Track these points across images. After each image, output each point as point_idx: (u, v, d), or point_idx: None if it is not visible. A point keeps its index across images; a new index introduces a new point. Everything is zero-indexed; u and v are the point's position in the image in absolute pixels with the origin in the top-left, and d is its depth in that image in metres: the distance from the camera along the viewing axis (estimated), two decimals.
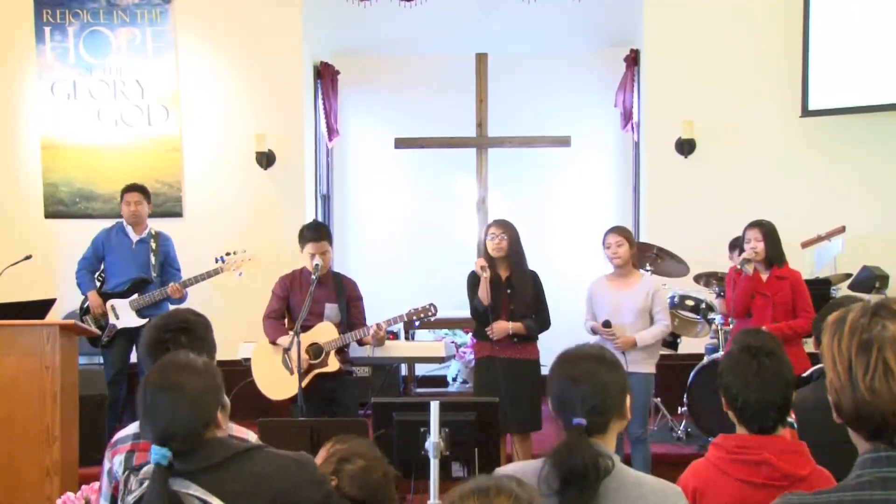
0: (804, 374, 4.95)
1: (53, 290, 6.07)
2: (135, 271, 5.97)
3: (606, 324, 4.98)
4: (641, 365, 4.95)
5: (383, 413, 3.68)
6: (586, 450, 1.96)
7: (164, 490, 1.98)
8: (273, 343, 4.99)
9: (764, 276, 5.08)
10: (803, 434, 2.78)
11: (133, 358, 5.98)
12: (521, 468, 2.08)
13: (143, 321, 5.82)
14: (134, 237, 6.05)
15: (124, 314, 5.88)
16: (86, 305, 5.98)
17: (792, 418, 2.81)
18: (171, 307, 5.97)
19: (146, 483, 2.04)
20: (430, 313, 5.01)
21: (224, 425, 2.19)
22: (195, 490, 2.01)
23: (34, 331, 4.56)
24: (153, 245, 6.04)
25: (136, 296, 5.90)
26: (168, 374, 2.10)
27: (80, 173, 7.08)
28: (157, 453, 2.01)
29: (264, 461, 2.11)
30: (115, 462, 2.52)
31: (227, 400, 2.20)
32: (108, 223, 6.24)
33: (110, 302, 5.91)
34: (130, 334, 5.89)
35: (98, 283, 6.06)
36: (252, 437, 2.56)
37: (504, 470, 2.13)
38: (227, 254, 5.90)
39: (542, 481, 1.96)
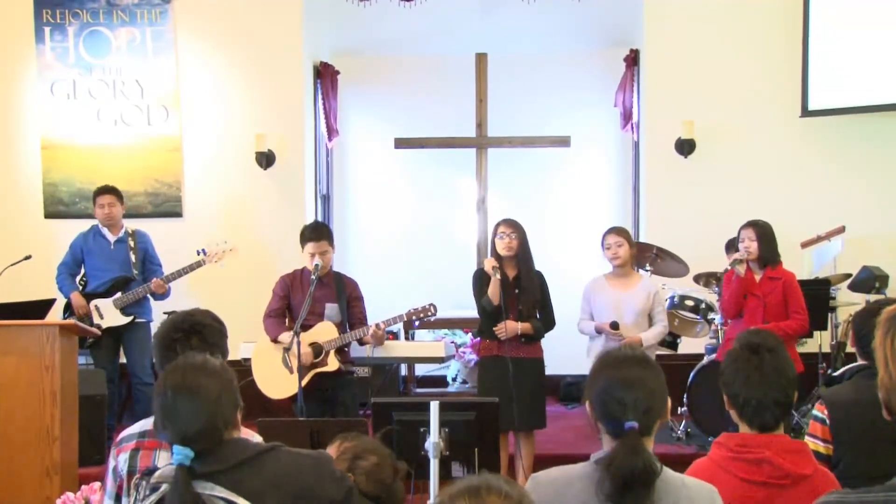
0: (835, 374, 4.98)
1: (53, 290, 6.06)
2: (116, 271, 5.97)
3: (614, 325, 5.00)
4: None
5: (383, 413, 3.67)
6: (644, 452, 1.96)
7: (187, 491, 1.95)
8: (274, 341, 4.99)
9: (757, 277, 5.07)
10: (837, 430, 2.80)
11: (121, 357, 5.98)
12: (564, 475, 2.08)
13: (127, 319, 5.88)
14: (111, 238, 6.06)
15: (108, 313, 5.88)
16: (68, 306, 5.96)
17: (824, 414, 2.83)
18: (155, 303, 6.02)
19: (163, 487, 2.01)
20: (429, 313, 5.02)
21: (239, 426, 2.19)
22: (220, 491, 1.98)
23: (34, 331, 4.55)
24: (131, 243, 6.05)
25: (119, 294, 5.90)
26: (187, 376, 2.07)
27: (80, 173, 7.07)
28: (180, 453, 1.98)
29: (285, 460, 2.11)
30: (119, 460, 2.52)
31: (241, 401, 2.19)
32: None
33: (94, 302, 5.90)
34: (117, 333, 5.90)
35: (81, 287, 6.06)
36: (257, 438, 2.55)
37: (546, 474, 2.11)
38: (208, 245, 5.91)
39: (598, 487, 1.95)
